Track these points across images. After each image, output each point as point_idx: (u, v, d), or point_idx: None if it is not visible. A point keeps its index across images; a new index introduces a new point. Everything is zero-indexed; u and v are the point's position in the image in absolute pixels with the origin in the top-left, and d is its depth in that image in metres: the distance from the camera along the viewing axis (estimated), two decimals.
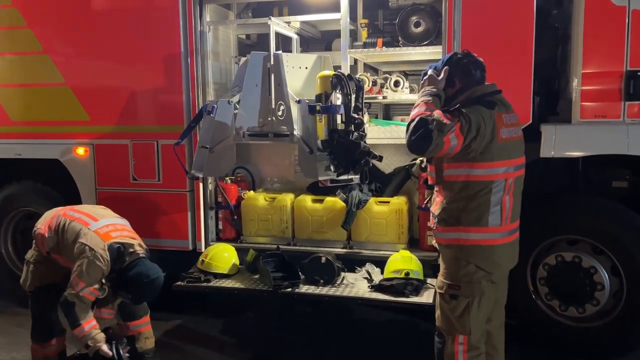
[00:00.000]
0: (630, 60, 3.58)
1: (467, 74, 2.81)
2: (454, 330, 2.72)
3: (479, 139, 2.59)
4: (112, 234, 3.38)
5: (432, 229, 2.85)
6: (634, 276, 3.64)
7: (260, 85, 3.89)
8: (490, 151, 2.64)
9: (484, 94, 2.77)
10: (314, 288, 3.89)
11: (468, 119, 2.58)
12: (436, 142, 2.55)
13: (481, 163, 2.65)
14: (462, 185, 2.69)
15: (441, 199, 2.76)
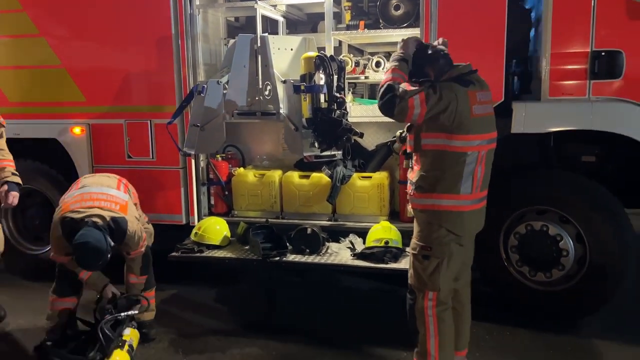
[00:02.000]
0: (595, 41, 3.79)
1: (434, 61, 3.04)
2: (425, 287, 2.98)
3: (447, 113, 2.82)
4: (72, 205, 3.57)
5: (410, 194, 3.09)
6: (596, 243, 3.90)
7: (248, 66, 4.10)
8: (464, 125, 2.87)
9: (461, 74, 3.01)
10: (300, 257, 4.15)
11: (437, 93, 2.81)
12: (401, 104, 2.82)
13: (456, 135, 2.87)
14: (438, 154, 2.92)
15: (419, 167, 3.00)
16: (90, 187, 3.73)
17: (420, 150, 2.99)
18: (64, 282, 3.74)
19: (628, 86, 3.78)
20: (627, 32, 3.75)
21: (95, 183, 3.80)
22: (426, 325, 3.00)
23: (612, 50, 3.77)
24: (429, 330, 2.99)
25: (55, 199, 4.95)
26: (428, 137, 2.95)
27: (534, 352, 3.71)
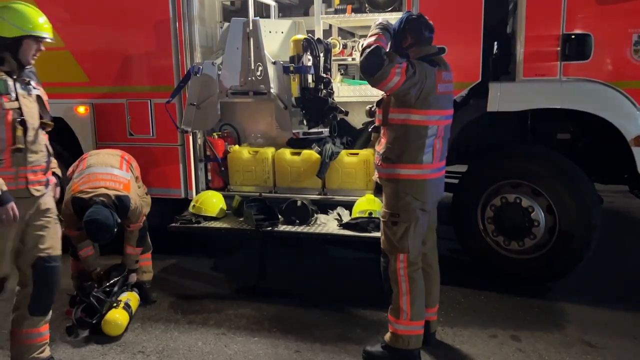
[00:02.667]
0: (566, 25, 4.03)
1: (418, 31, 3.30)
2: (396, 250, 3.28)
3: (417, 88, 3.09)
4: (81, 186, 3.92)
5: (377, 165, 3.38)
6: (565, 214, 4.20)
7: (241, 49, 4.36)
8: (428, 101, 3.15)
9: (428, 54, 3.28)
10: (291, 227, 4.45)
11: (414, 68, 3.08)
12: (385, 68, 3.02)
13: (419, 110, 3.15)
14: (403, 128, 3.19)
15: (385, 140, 3.29)
16: (96, 168, 4.06)
17: (387, 124, 3.26)
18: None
19: (596, 67, 4.03)
20: (595, 17, 4.00)
21: (100, 163, 4.12)
22: (399, 284, 3.30)
23: (582, 33, 4.02)
24: (401, 289, 3.29)
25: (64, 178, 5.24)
26: (395, 112, 3.22)
27: (505, 312, 4.03)
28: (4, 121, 2.93)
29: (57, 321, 3.91)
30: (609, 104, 4.03)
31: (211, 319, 4.01)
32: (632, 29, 3.93)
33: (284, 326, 3.89)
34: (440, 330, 3.74)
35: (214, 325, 3.93)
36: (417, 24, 3.29)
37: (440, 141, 3.27)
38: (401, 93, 3.11)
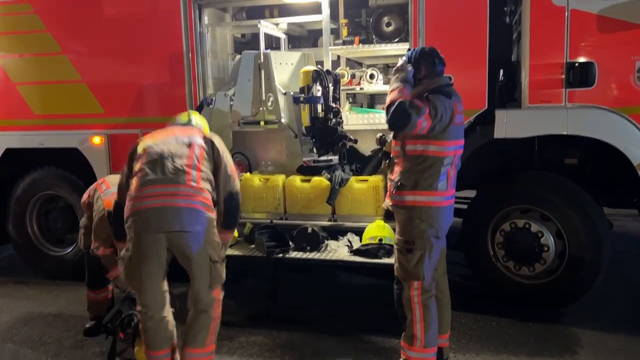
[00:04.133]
0: (570, 53, 4.12)
1: (431, 64, 3.40)
2: (410, 277, 3.32)
3: (440, 123, 3.19)
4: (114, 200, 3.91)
5: (391, 193, 3.43)
6: (574, 239, 4.22)
7: (252, 80, 4.49)
8: (446, 132, 3.24)
9: (441, 85, 3.37)
10: (302, 254, 4.50)
11: (435, 107, 3.16)
12: (413, 121, 3.12)
13: (438, 141, 3.24)
14: (420, 158, 3.27)
15: (401, 168, 3.36)
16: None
17: (404, 155, 3.33)
18: (95, 276, 4.15)
19: (601, 94, 4.10)
20: (598, 45, 4.09)
21: None
22: (413, 312, 3.33)
23: (585, 61, 4.10)
24: (415, 316, 3.32)
25: (76, 203, 5.37)
26: (413, 143, 3.29)
27: (517, 338, 4.02)
28: None
29: (72, 349, 3.98)
30: (614, 130, 4.09)
31: (224, 347, 4.03)
32: (634, 56, 4.01)
33: (296, 353, 3.91)
34: (453, 356, 3.74)
35: (227, 352, 3.96)
36: (431, 57, 3.39)
37: (454, 169, 3.34)
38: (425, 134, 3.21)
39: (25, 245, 5.74)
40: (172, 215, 3.11)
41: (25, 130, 5.50)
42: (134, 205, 3.15)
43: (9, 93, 5.48)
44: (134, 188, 3.20)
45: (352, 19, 5.41)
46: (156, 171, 3.18)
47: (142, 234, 3.11)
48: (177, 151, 3.25)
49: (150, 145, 3.31)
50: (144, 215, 3.12)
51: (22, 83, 5.45)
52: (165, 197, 3.13)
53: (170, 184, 3.16)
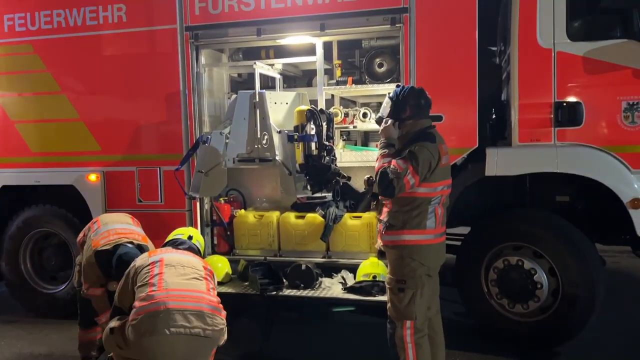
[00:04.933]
0: (558, 93, 4.24)
1: (417, 105, 3.48)
2: (402, 317, 3.32)
3: (429, 170, 3.27)
4: (101, 240, 3.91)
5: (381, 233, 3.47)
6: (567, 276, 4.24)
7: (248, 118, 4.56)
8: (434, 174, 3.31)
9: (423, 128, 3.44)
10: (295, 291, 4.49)
11: (417, 161, 3.22)
12: (398, 186, 3.21)
13: (426, 183, 3.31)
14: (409, 199, 3.33)
15: (389, 208, 3.41)
16: (113, 224, 4.11)
17: (394, 198, 3.37)
18: (86, 315, 4.09)
19: (589, 133, 4.21)
20: (585, 85, 4.21)
21: (116, 221, 4.20)
22: (406, 351, 3.32)
23: (573, 101, 4.21)
24: (408, 356, 3.31)
25: (71, 241, 5.36)
26: None
27: None
28: None
29: None
30: (603, 168, 4.17)
31: None
32: (620, 96, 4.14)
33: None
34: None
35: None
36: (417, 98, 3.47)
37: (442, 207, 3.39)
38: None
39: (17, 282, 5.70)
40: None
41: (22, 168, 5.54)
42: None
43: (7, 131, 5.55)
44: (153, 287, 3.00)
45: (346, 60, 5.54)
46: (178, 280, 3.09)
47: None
48: (195, 269, 3.23)
49: (168, 258, 3.23)
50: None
51: (21, 121, 5.52)
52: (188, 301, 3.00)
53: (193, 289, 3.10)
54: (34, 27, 5.35)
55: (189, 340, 2.90)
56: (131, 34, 5.09)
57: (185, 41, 4.95)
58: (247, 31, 4.83)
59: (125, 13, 5.08)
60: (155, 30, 5.04)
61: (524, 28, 4.28)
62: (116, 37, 5.16)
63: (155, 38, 5.07)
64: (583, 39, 4.19)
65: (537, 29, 4.25)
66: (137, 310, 2.91)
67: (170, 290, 2.97)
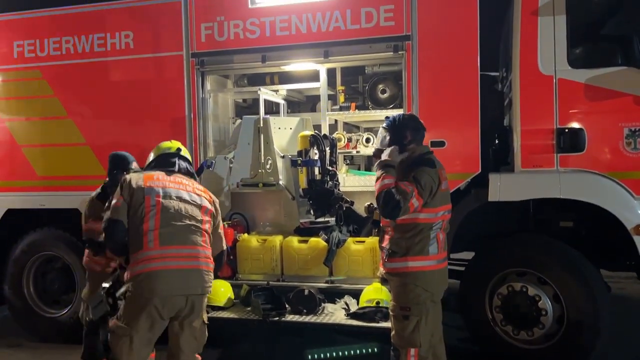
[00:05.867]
0: (559, 119, 4.26)
1: (416, 129, 3.53)
2: (407, 344, 3.29)
3: (430, 194, 3.28)
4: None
5: (384, 261, 3.46)
6: (571, 302, 4.19)
7: (252, 143, 4.62)
8: (434, 200, 3.32)
9: (422, 154, 3.47)
10: (298, 317, 4.46)
11: (421, 184, 3.25)
12: (405, 207, 3.21)
13: (427, 209, 3.32)
14: (410, 225, 3.34)
15: (391, 235, 3.41)
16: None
17: (395, 224, 3.38)
18: (92, 349, 4.07)
19: (591, 159, 4.21)
20: (587, 112, 4.23)
21: None
22: None
23: (575, 127, 4.23)
24: None
25: (74, 264, 5.37)
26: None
27: None
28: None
29: None
30: (606, 194, 4.16)
31: None
32: (622, 123, 4.15)
33: None
34: None
35: None
36: (415, 122, 3.54)
37: (443, 233, 3.39)
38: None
39: (20, 306, 5.68)
40: (195, 278, 3.22)
41: (27, 192, 5.56)
42: (152, 265, 3.14)
43: (14, 155, 5.60)
44: (149, 243, 3.17)
45: (349, 85, 5.62)
46: (174, 227, 3.24)
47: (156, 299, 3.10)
48: (193, 212, 3.33)
49: (164, 196, 3.30)
50: (165, 277, 3.13)
51: (27, 145, 5.58)
52: (187, 260, 3.22)
53: (189, 246, 3.25)
54: (43, 53, 5.44)
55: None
56: (138, 60, 5.18)
57: (191, 67, 5.03)
58: (252, 58, 4.91)
59: (132, 40, 5.17)
60: (161, 57, 5.13)
61: (525, 55, 4.33)
62: (123, 63, 5.25)
63: (161, 64, 5.16)
64: (584, 66, 4.22)
65: (538, 56, 4.29)
66: (133, 269, 3.14)
67: (166, 248, 3.16)
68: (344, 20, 4.61)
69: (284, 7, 4.75)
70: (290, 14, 4.73)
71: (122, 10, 5.24)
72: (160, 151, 3.67)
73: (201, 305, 3.29)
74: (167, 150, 3.66)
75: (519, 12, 4.35)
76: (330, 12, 4.63)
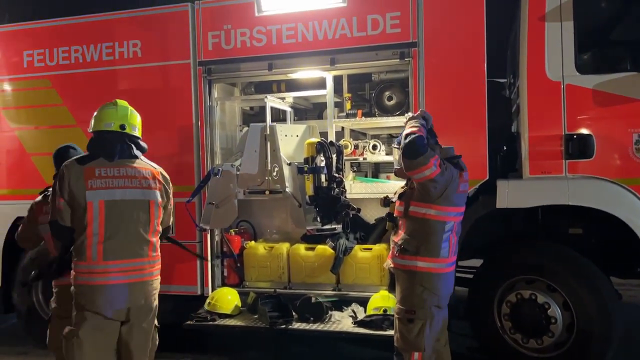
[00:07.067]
0: (568, 126, 4.22)
1: (430, 130, 3.55)
2: (411, 348, 3.28)
3: (442, 186, 3.28)
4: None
5: (394, 255, 3.45)
6: (581, 310, 4.14)
7: (259, 151, 4.62)
8: (449, 199, 3.32)
9: (447, 157, 3.48)
10: (305, 325, 4.45)
11: (445, 166, 3.29)
12: (427, 155, 3.21)
13: (440, 206, 3.32)
14: (422, 221, 3.33)
15: (404, 231, 3.40)
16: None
17: (407, 216, 3.38)
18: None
19: (600, 165, 4.16)
20: (595, 118, 4.18)
21: None
22: None
23: (584, 133, 4.19)
24: None
25: None
26: (416, 205, 3.37)
27: None
28: None
29: None
30: (616, 201, 4.11)
31: None
32: (631, 128, 4.10)
33: None
34: None
35: None
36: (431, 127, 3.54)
37: (455, 236, 3.39)
38: (428, 185, 3.26)
39: (28, 313, 5.70)
40: (138, 290, 3.19)
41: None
42: (94, 279, 3.10)
43: (23, 163, 5.64)
44: (92, 256, 3.10)
45: (356, 92, 5.61)
46: (119, 239, 3.15)
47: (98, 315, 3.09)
48: (140, 216, 3.23)
49: (108, 199, 3.16)
50: (107, 292, 3.10)
51: (37, 154, 5.62)
52: (131, 273, 3.17)
53: (134, 259, 3.19)
54: (52, 62, 5.49)
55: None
56: (146, 69, 5.21)
57: (198, 75, 5.05)
58: (258, 66, 4.92)
59: (140, 49, 5.20)
60: (169, 65, 5.15)
61: (533, 61, 4.30)
62: (131, 71, 5.28)
63: (169, 73, 5.18)
64: (592, 72, 4.19)
65: (545, 61, 4.26)
66: (77, 278, 3.13)
67: (109, 264, 3.10)
68: (350, 28, 4.62)
69: (290, 15, 4.77)
70: (296, 22, 4.75)
71: (130, 19, 5.28)
72: (100, 127, 3.41)
73: (147, 313, 3.24)
74: (108, 125, 3.38)
75: (526, 17, 4.33)
76: (337, 19, 4.64)
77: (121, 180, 3.24)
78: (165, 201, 3.45)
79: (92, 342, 3.09)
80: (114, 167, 3.26)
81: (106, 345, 3.15)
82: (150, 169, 3.42)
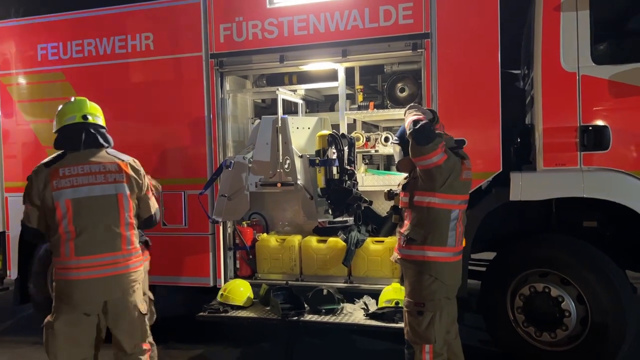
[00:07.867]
0: (583, 117, 4.17)
1: (432, 120, 3.52)
2: (421, 340, 3.28)
3: (445, 174, 3.27)
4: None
5: (401, 246, 3.45)
6: (596, 303, 4.10)
7: (270, 143, 4.62)
8: (452, 187, 3.31)
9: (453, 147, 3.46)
10: (317, 317, 4.46)
11: (450, 155, 3.29)
12: (435, 142, 3.22)
13: (443, 194, 3.31)
14: (427, 210, 3.32)
15: (409, 221, 3.39)
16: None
17: (412, 206, 3.38)
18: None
19: (616, 157, 4.10)
20: (611, 109, 4.13)
21: None
22: None
23: (599, 125, 4.14)
24: None
25: None
26: (420, 194, 3.37)
27: None
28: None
29: None
30: (632, 193, 4.06)
31: None
32: None
33: None
34: None
35: None
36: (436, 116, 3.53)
37: (462, 225, 3.38)
38: (434, 172, 3.25)
39: (44, 303, 5.77)
40: (113, 283, 3.21)
41: None
42: (69, 275, 3.15)
43: (38, 156, 5.65)
44: (65, 252, 3.15)
45: (368, 84, 5.59)
46: (89, 235, 3.17)
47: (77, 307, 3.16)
48: (109, 211, 3.25)
49: (74, 197, 3.18)
50: (82, 287, 3.14)
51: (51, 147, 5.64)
52: (104, 267, 3.18)
53: (106, 253, 3.20)
54: (66, 55, 5.53)
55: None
56: (158, 62, 5.23)
57: (210, 68, 5.06)
58: (270, 58, 4.92)
59: (152, 41, 5.22)
60: (181, 58, 5.17)
61: (547, 51, 4.25)
62: (144, 64, 5.30)
63: (181, 65, 5.20)
64: (608, 62, 4.12)
65: (560, 52, 4.20)
66: (55, 272, 3.20)
67: (82, 259, 3.13)
68: (362, 19, 4.59)
69: (302, 7, 4.75)
70: (308, 14, 4.73)
71: (142, 12, 5.30)
72: (63, 122, 3.40)
73: (125, 304, 3.25)
74: (71, 119, 3.39)
75: (541, 7, 4.27)
76: (349, 10, 4.62)
77: (85, 178, 3.25)
78: (138, 192, 3.41)
79: (66, 334, 3.17)
80: (78, 164, 3.27)
81: (80, 339, 3.22)
82: (117, 162, 3.39)
